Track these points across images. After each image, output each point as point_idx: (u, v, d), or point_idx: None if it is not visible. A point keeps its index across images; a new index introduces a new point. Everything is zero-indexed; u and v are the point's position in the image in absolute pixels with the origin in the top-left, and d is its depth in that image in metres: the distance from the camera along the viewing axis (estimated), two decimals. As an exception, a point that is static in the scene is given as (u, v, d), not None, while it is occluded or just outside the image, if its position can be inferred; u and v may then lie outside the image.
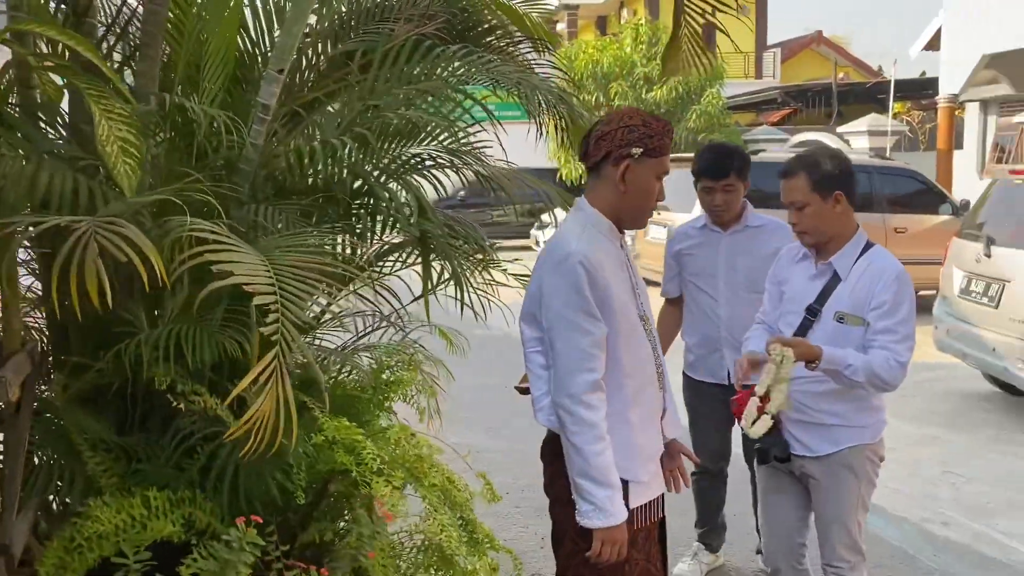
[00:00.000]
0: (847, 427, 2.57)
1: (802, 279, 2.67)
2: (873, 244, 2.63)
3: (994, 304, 5.61)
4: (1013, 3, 13.47)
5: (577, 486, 2.02)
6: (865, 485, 2.62)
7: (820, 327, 2.56)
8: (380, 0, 3.22)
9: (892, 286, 2.49)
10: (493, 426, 5.68)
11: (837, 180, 2.57)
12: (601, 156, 2.10)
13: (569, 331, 2.02)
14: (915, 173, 10.09)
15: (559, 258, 2.05)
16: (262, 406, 1.64)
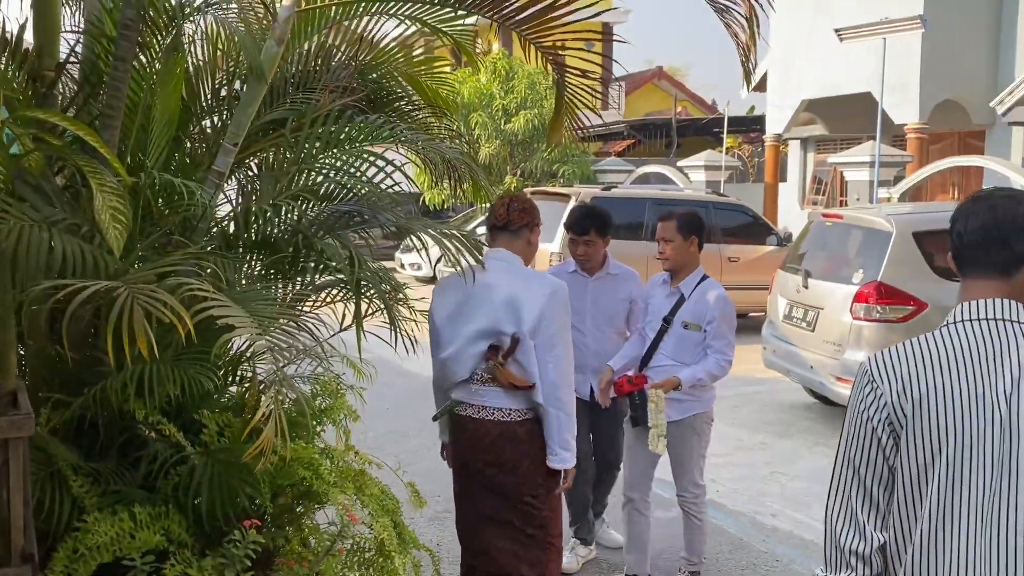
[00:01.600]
0: (692, 400, 3.77)
1: (660, 298, 3.88)
2: (707, 276, 3.87)
3: (811, 328, 6.60)
4: (826, 57, 15.26)
5: (565, 442, 2.92)
6: (703, 440, 3.87)
7: (672, 331, 3.79)
8: (304, 72, 3.66)
9: (718, 306, 3.72)
10: (376, 445, 6.10)
11: (695, 228, 3.81)
12: (523, 223, 3.08)
13: (567, 341, 2.95)
14: (745, 208, 11.30)
15: (552, 290, 2.93)
16: (268, 432, 2.07)
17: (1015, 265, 1.57)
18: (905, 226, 6.03)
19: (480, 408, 2.98)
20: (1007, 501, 1.48)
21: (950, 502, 1.52)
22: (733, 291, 10.93)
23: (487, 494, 3.03)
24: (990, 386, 1.51)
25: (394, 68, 3.92)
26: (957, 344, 1.56)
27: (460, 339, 2.98)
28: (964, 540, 1.50)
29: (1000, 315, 1.55)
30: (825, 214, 7.12)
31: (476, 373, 2.97)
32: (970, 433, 1.51)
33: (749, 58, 2.75)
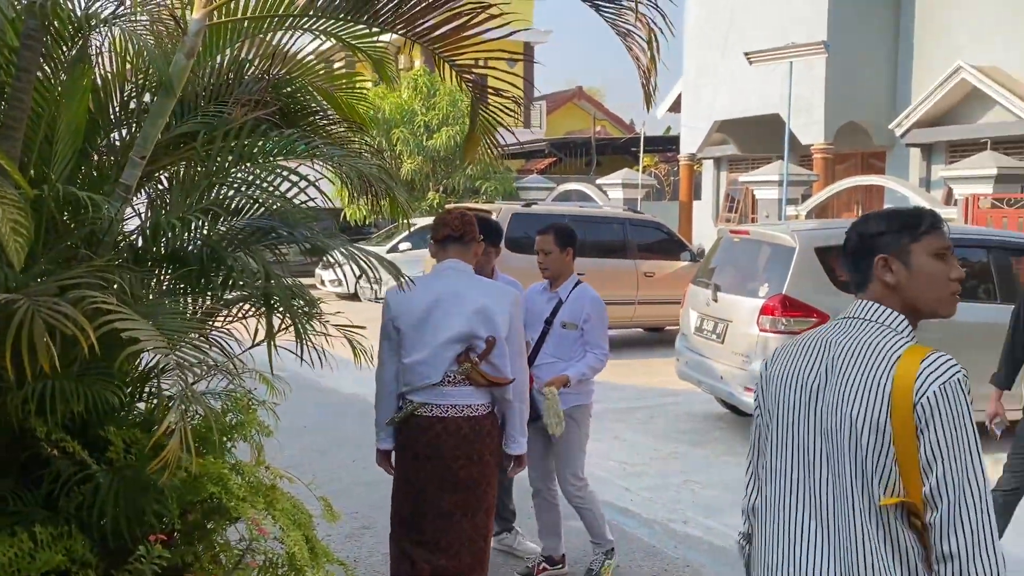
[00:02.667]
0: (573, 394, 4.09)
1: (541, 303, 4.25)
2: (581, 281, 4.25)
3: (720, 340, 6.82)
4: (736, 80, 15.82)
5: (523, 430, 3.28)
6: (584, 431, 4.19)
7: (553, 332, 4.17)
8: (215, 86, 3.64)
9: (592, 306, 4.14)
10: (293, 464, 6.02)
11: (570, 239, 4.19)
12: (474, 235, 3.33)
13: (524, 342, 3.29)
14: (660, 224, 11.60)
15: (514, 299, 3.22)
16: (173, 446, 2.06)
17: (866, 280, 1.77)
18: (808, 241, 6.31)
19: (449, 407, 3.17)
20: (822, 463, 1.67)
21: (772, 471, 1.76)
22: (649, 305, 11.24)
23: (449, 489, 3.17)
24: (809, 371, 1.72)
25: (309, 82, 3.93)
26: (813, 335, 1.78)
27: (431, 345, 3.15)
28: (777, 508, 1.73)
29: (853, 313, 1.75)
30: (733, 230, 7.37)
31: (447, 375, 3.15)
32: (787, 409, 1.74)
33: (650, 80, 2.87)
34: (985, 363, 4.66)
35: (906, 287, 1.71)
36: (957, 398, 1.55)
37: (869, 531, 1.59)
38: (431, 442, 3.16)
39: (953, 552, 1.53)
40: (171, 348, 2.31)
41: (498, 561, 4.52)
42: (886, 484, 1.58)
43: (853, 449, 1.61)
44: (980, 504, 1.52)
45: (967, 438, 1.54)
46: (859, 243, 1.77)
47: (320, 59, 3.93)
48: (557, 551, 4.30)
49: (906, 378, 1.56)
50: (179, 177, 3.38)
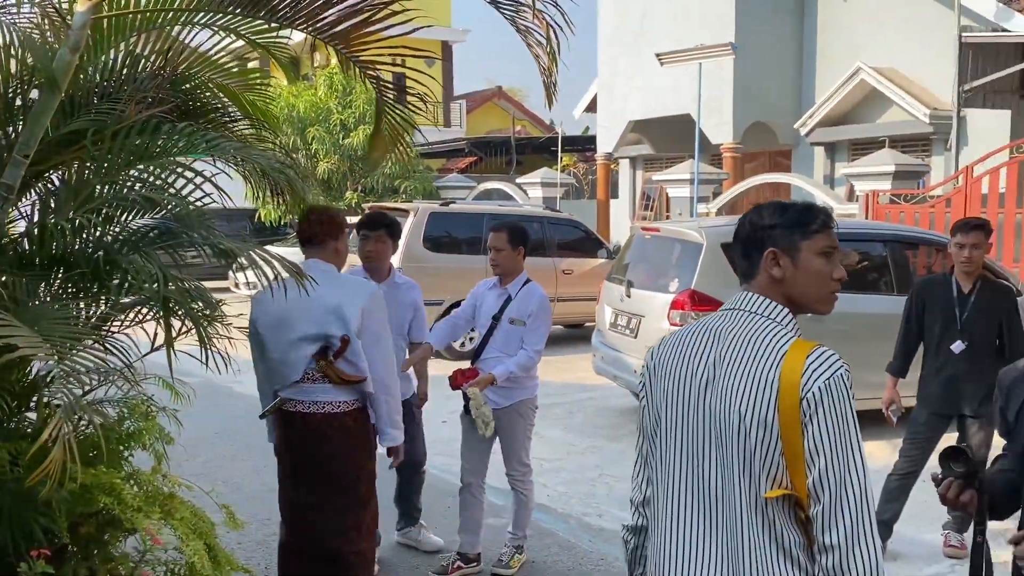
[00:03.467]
0: (518, 388, 4.22)
1: (491, 299, 4.31)
2: (530, 280, 4.32)
3: (634, 335, 6.94)
4: (649, 80, 16.11)
5: (394, 423, 3.33)
6: (528, 424, 4.32)
7: (500, 327, 4.23)
8: (107, 82, 3.51)
9: (537, 303, 4.23)
10: (204, 471, 5.87)
11: (522, 238, 4.27)
12: (326, 234, 3.38)
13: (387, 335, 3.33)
14: (578, 223, 11.72)
15: (370, 292, 3.28)
16: (54, 456, 1.98)
17: (754, 270, 1.79)
18: (715, 238, 6.46)
19: (311, 403, 3.26)
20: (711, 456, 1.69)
21: (663, 465, 1.77)
22: (568, 302, 11.36)
23: (317, 482, 3.30)
24: (698, 360, 1.74)
25: (209, 79, 3.83)
26: (698, 326, 1.80)
27: (286, 345, 3.26)
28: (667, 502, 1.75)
29: (739, 305, 1.78)
30: (645, 228, 7.51)
31: (307, 372, 3.24)
32: (676, 402, 1.75)
33: (551, 77, 2.89)
34: (884, 353, 4.86)
35: (791, 282, 1.74)
36: (841, 393, 1.59)
37: (754, 523, 1.62)
38: (297, 437, 3.30)
39: (834, 543, 1.57)
40: (57, 354, 2.21)
41: (404, 556, 4.54)
42: (772, 477, 1.61)
43: (741, 443, 1.63)
44: (860, 496, 1.57)
45: (849, 432, 1.59)
46: (751, 233, 1.79)
47: (221, 55, 3.83)
48: (474, 548, 4.32)
49: (792, 373, 1.59)
50: (71, 177, 3.26)
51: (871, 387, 4.82)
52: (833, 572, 1.57)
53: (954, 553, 4.59)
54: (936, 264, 7.50)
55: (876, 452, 6.02)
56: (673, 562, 1.71)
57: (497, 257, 4.25)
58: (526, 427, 4.32)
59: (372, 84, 3.61)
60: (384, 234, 4.31)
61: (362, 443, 3.32)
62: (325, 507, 3.30)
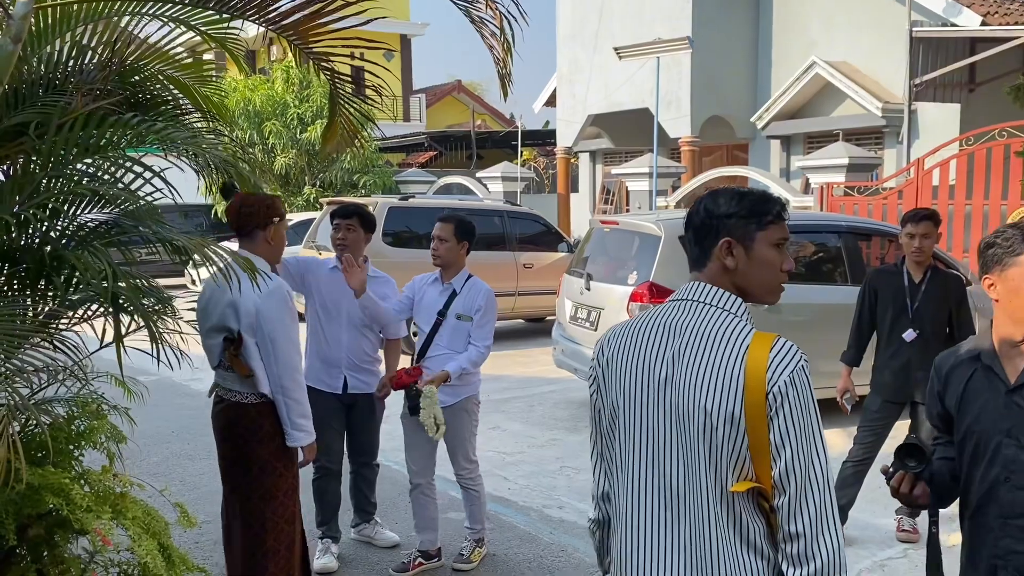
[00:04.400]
0: (462, 386, 4.15)
1: (433, 295, 4.20)
2: (472, 275, 4.21)
3: (594, 327, 6.97)
4: (608, 74, 16.18)
5: (296, 424, 3.27)
6: (473, 419, 4.26)
7: (447, 323, 4.14)
8: (52, 74, 3.42)
9: (485, 298, 4.14)
10: (159, 471, 5.78)
11: (469, 234, 4.16)
12: (254, 224, 3.35)
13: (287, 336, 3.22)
14: (538, 217, 11.73)
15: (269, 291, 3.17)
16: (-2, 456, 1.93)
17: (705, 258, 1.77)
18: (673, 230, 6.51)
19: (226, 390, 3.35)
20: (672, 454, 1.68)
21: (623, 461, 1.75)
22: (528, 296, 11.36)
23: (229, 467, 3.37)
24: (657, 354, 1.71)
25: (159, 71, 3.75)
26: (651, 318, 1.77)
27: (204, 332, 3.38)
28: (630, 498, 1.73)
29: (692, 296, 1.75)
30: (604, 220, 7.54)
31: (222, 361, 3.32)
32: (638, 396, 1.72)
33: (505, 68, 2.88)
34: (837, 342, 4.95)
35: (743, 272, 1.73)
36: (804, 385, 1.60)
37: (719, 517, 1.62)
38: (215, 419, 3.41)
39: (799, 531, 1.59)
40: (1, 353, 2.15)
41: (362, 552, 4.51)
42: (738, 470, 1.61)
43: (706, 438, 1.61)
44: (823, 485, 1.59)
45: (812, 423, 1.60)
46: (705, 220, 1.75)
47: (171, 47, 3.76)
48: (433, 545, 4.31)
49: (757, 367, 1.59)
50: (16, 171, 3.17)
51: (826, 376, 4.89)
52: (799, 559, 1.58)
53: (907, 537, 4.68)
54: (889, 254, 7.64)
55: (832, 440, 6.13)
56: (637, 556, 1.71)
57: (439, 247, 4.12)
58: (471, 424, 4.26)
59: (326, 77, 3.57)
60: (356, 223, 4.25)
61: (264, 438, 3.27)
62: (234, 492, 3.37)
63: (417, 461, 4.24)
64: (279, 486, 3.31)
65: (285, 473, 3.33)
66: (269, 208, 3.36)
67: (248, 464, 3.29)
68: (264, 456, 3.27)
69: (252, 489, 3.30)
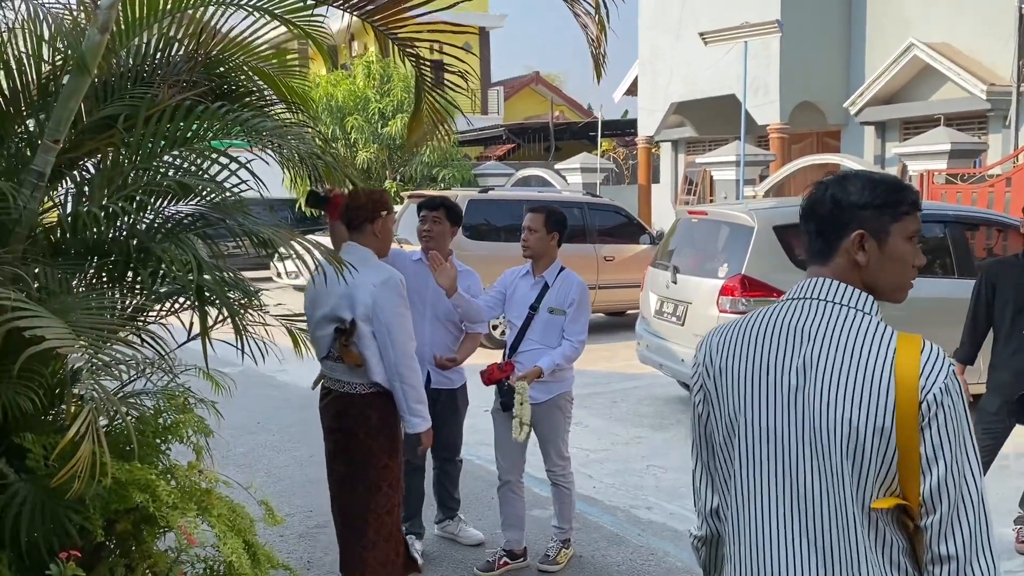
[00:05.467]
0: (555, 382, 4.06)
1: (525, 288, 4.12)
2: (564, 267, 4.13)
3: (681, 322, 6.74)
4: (692, 60, 15.78)
5: (414, 410, 3.28)
6: (566, 416, 4.17)
7: (539, 317, 4.05)
8: (140, 66, 3.42)
9: (578, 290, 4.04)
10: (245, 463, 5.83)
11: (560, 224, 4.08)
12: (362, 218, 3.38)
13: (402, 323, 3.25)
14: (619, 208, 11.50)
15: (383, 279, 3.22)
16: (82, 453, 1.88)
17: (830, 251, 1.58)
18: (766, 220, 6.23)
19: (335, 381, 3.36)
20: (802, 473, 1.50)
21: (748, 476, 1.56)
22: (609, 289, 11.16)
23: (336, 458, 3.39)
24: (784, 361, 1.53)
25: (244, 63, 3.72)
26: (769, 320, 1.58)
27: (314, 323, 3.40)
28: (759, 515, 1.54)
29: (817, 295, 1.56)
30: (691, 211, 7.29)
31: (331, 351, 3.32)
32: (762, 407, 1.54)
33: (599, 47, 2.72)
34: (943, 338, 4.60)
35: (874, 268, 1.56)
36: (958, 393, 1.44)
37: (864, 534, 1.46)
38: (324, 411, 3.43)
39: (951, 554, 1.43)
40: (88, 346, 2.11)
41: (446, 550, 4.43)
42: (884, 485, 1.46)
43: (852, 452, 1.45)
44: (978, 502, 1.43)
45: (965, 435, 1.44)
46: (833, 210, 1.57)
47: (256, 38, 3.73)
48: (519, 544, 4.20)
49: (909, 375, 1.43)
50: (106, 164, 3.17)
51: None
52: None
53: (1027, 549, 4.35)
54: (997, 246, 7.17)
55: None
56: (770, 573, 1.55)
57: (530, 238, 4.04)
58: (564, 420, 4.17)
59: (411, 63, 3.47)
60: (442, 215, 4.19)
61: (375, 429, 3.28)
62: (336, 486, 3.40)
63: (507, 458, 4.15)
64: (384, 478, 3.32)
65: (390, 464, 3.35)
66: (376, 202, 3.41)
67: (354, 456, 3.31)
68: (372, 448, 3.29)
69: (358, 480, 3.32)
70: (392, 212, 3.49)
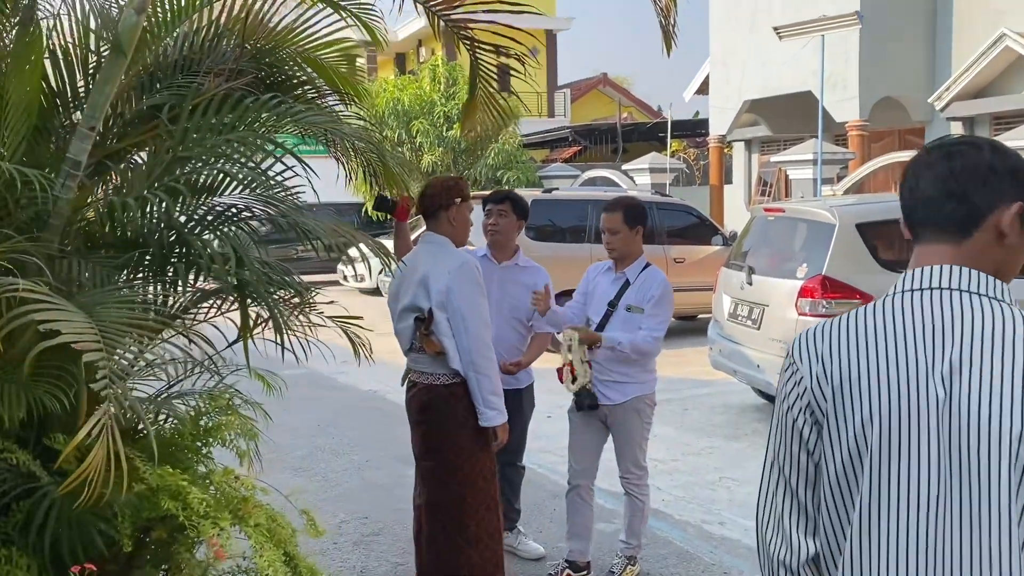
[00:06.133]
0: (633, 383, 3.78)
1: (605, 284, 3.89)
2: (650, 264, 3.88)
3: (757, 326, 6.39)
4: (766, 57, 15.27)
5: (488, 401, 3.19)
6: (645, 422, 3.88)
7: (617, 315, 3.79)
8: (187, 55, 3.30)
9: (660, 287, 3.77)
10: (302, 466, 5.71)
11: (640, 217, 3.82)
12: (436, 206, 3.34)
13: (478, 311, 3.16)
14: (690, 208, 11.12)
15: (458, 265, 3.17)
16: (94, 459, 1.72)
17: (973, 222, 1.30)
18: (849, 217, 5.85)
19: (419, 373, 3.32)
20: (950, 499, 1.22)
21: (883, 502, 1.25)
22: (679, 292, 10.75)
23: (424, 453, 3.33)
24: (927, 366, 1.25)
25: (295, 51, 3.58)
26: (892, 318, 1.29)
27: (396, 315, 3.36)
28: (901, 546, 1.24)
29: (949, 284, 1.28)
30: (767, 208, 6.93)
31: (413, 343, 3.29)
32: (901, 422, 1.24)
33: (669, 18, 2.47)
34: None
35: (1015, 249, 1.30)
36: None
37: None
38: (408, 404, 3.39)
39: None
40: (108, 344, 1.96)
41: (506, 563, 4.18)
42: None
43: (1016, 466, 1.19)
44: None
45: None
46: (988, 175, 1.29)
47: (307, 26, 3.58)
48: (584, 556, 3.94)
49: None
50: (152, 155, 3.06)
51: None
52: None
53: None
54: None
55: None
56: None
57: (613, 240, 3.78)
58: (643, 426, 3.88)
59: (466, 46, 3.27)
60: (508, 208, 4.09)
61: (459, 421, 3.23)
62: (428, 479, 3.34)
63: (580, 460, 3.94)
64: (478, 471, 3.26)
65: (482, 456, 3.28)
66: (450, 189, 3.38)
67: (444, 449, 3.25)
68: (461, 440, 3.23)
69: (450, 475, 3.25)
70: (468, 200, 3.42)
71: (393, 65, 29.94)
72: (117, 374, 1.86)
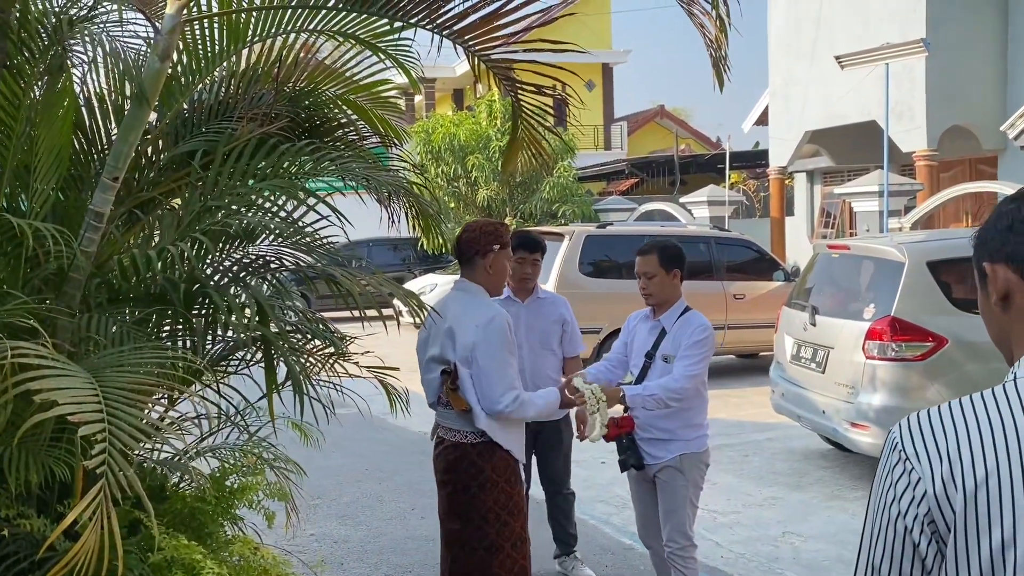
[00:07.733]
0: (677, 440, 3.48)
1: (644, 333, 3.65)
2: (690, 308, 3.58)
3: (821, 369, 6.05)
4: (828, 86, 14.88)
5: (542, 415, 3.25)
6: (692, 485, 3.52)
7: (655, 367, 3.53)
8: (223, 99, 3.23)
9: (699, 331, 3.45)
10: (348, 513, 5.56)
11: (677, 260, 3.55)
12: (473, 251, 3.12)
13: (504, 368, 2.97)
14: (750, 242, 10.78)
15: (487, 319, 2.97)
16: (86, 542, 1.58)
17: None
18: (919, 255, 5.52)
19: (447, 429, 3.14)
20: None
21: None
22: (739, 330, 10.39)
23: (449, 515, 3.14)
24: None
25: (335, 94, 3.50)
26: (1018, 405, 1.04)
27: (423, 365, 3.18)
28: None
29: None
30: (831, 245, 6.61)
31: (440, 396, 3.11)
32: None
33: (720, 50, 2.29)
34: None
35: None
36: None
37: None
38: (435, 462, 3.20)
39: None
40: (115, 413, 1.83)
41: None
42: None
43: None
44: None
45: None
46: None
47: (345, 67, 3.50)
48: None
49: None
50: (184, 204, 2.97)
51: None
52: None
53: None
54: None
55: None
56: None
57: (649, 285, 3.54)
58: (689, 489, 3.52)
59: (506, 87, 3.12)
60: (540, 256, 4.22)
61: (488, 482, 3.04)
62: (453, 546, 3.14)
63: (643, 523, 3.78)
64: (506, 537, 3.07)
65: (511, 522, 3.08)
66: (489, 235, 3.14)
67: (470, 513, 3.07)
68: (488, 504, 3.04)
69: (477, 540, 3.06)
70: (507, 247, 3.22)
71: (451, 100, 30.25)
72: (118, 448, 1.73)
